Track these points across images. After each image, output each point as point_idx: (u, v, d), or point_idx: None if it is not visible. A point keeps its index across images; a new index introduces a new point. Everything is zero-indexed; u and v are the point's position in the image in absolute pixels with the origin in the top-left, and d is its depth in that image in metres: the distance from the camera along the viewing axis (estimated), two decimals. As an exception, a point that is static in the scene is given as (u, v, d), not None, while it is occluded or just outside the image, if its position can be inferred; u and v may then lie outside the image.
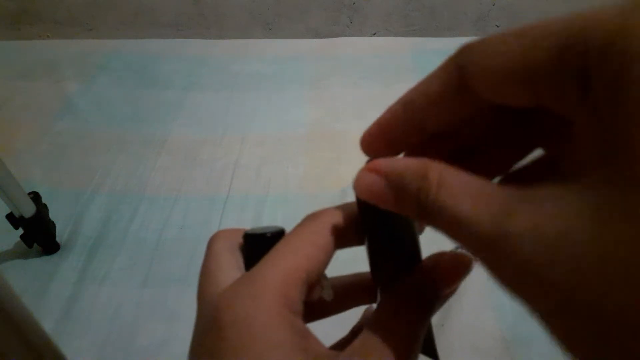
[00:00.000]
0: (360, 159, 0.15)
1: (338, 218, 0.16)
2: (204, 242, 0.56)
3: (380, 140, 0.16)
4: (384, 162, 0.14)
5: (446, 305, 0.51)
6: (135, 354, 0.47)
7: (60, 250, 0.56)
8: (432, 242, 0.16)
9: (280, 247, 0.15)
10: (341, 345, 0.17)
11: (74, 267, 0.54)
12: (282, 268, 0.14)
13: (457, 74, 0.12)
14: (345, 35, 1.00)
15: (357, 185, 0.14)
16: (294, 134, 0.73)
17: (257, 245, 0.16)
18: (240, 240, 0.17)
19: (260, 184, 0.65)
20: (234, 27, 1.02)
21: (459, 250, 0.15)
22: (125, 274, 0.53)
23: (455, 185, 0.11)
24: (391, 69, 0.88)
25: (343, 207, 0.17)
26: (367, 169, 0.14)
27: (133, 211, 0.61)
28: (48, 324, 0.45)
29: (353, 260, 0.18)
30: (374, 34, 1.03)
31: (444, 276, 0.16)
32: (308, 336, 0.14)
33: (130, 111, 0.78)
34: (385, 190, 0.13)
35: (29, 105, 0.80)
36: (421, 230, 0.17)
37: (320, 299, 0.16)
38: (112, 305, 0.50)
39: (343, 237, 0.16)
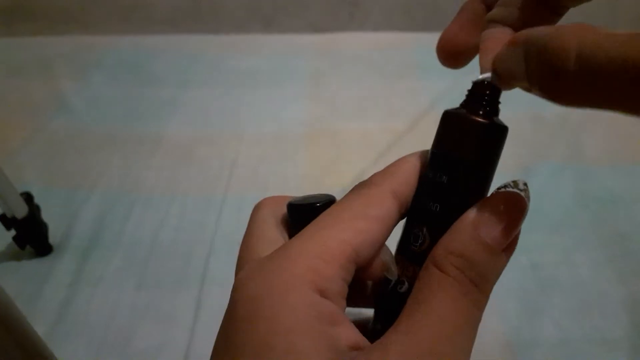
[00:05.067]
0: (361, 158, 0.13)
1: (400, 180, 0.13)
2: (200, 244, 0.55)
3: (464, 35, 0.14)
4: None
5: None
6: (131, 357, 0.46)
7: (54, 252, 0.55)
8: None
9: (321, 219, 0.13)
10: None
11: (68, 269, 0.53)
12: (319, 242, 0.12)
13: None
14: (346, 31, 0.98)
15: (497, 62, 0.12)
16: (293, 132, 0.72)
17: (303, 218, 0.13)
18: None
19: (259, 183, 0.63)
20: (232, 23, 1.01)
21: (508, 189, 0.13)
22: (120, 276, 0.52)
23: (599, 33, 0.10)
24: (393, 65, 0.86)
25: (404, 164, 0.14)
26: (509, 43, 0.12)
27: (128, 211, 0.59)
28: (42, 328, 0.44)
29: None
30: (376, 30, 1.01)
31: (506, 219, 0.12)
32: (337, 323, 0.11)
33: (124, 109, 0.77)
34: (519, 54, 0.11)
35: (21, 103, 0.79)
36: None
37: (383, 278, 0.13)
38: (107, 308, 0.49)
39: (407, 203, 0.13)
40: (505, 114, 0.18)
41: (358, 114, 0.75)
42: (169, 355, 0.45)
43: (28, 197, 0.54)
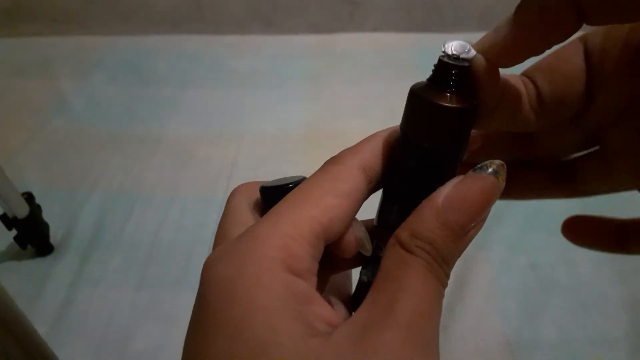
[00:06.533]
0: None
1: (368, 156, 0.13)
2: (200, 244, 0.55)
3: None
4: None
5: (450, 308, 0.49)
6: (131, 357, 0.46)
7: (55, 251, 0.55)
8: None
9: (290, 197, 0.13)
10: None
11: (69, 269, 0.53)
12: (287, 220, 0.12)
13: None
14: (346, 31, 0.99)
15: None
16: (293, 132, 0.72)
17: (276, 199, 0.13)
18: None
19: (259, 183, 0.63)
20: (232, 23, 1.01)
21: (482, 172, 0.12)
22: (120, 276, 0.52)
23: None
24: (393, 65, 0.86)
25: (373, 141, 0.14)
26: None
27: (128, 212, 0.59)
28: (42, 327, 0.44)
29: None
30: (375, 30, 1.02)
31: (474, 204, 0.12)
32: (310, 301, 0.11)
33: (125, 109, 0.77)
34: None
35: (22, 104, 0.79)
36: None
37: (357, 253, 0.13)
38: (107, 308, 0.49)
39: (377, 177, 0.13)
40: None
41: (358, 114, 0.75)
42: (169, 355, 0.45)
43: (29, 197, 0.54)
